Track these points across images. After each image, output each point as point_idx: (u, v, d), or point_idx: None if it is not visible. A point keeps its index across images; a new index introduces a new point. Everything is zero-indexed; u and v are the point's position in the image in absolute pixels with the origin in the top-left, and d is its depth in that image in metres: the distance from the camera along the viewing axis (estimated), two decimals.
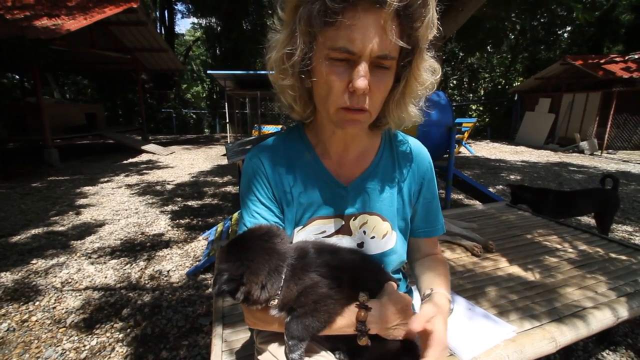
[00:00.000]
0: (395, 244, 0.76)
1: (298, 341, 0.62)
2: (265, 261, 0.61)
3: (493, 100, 13.79)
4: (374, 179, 0.74)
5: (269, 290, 0.61)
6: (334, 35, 0.54)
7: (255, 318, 0.69)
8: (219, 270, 0.61)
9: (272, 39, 0.63)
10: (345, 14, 0.53)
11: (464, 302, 1.23)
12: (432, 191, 0.80)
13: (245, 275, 0.60)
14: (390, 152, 0.77)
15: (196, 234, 3.29)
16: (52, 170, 6.26)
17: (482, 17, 5.95)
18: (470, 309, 1.18)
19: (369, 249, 0.74)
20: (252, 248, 0.63)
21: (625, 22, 13.55)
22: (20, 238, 3.16)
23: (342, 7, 0.52)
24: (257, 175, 0.72)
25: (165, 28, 15.34)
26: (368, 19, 0.53)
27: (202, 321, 1.98)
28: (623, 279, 1.41)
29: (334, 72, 0.57)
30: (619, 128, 9.18)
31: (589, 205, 3.01)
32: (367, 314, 0.62)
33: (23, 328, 1.91)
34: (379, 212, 0.74)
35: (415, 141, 0.81)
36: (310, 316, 0.62)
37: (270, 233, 0.65)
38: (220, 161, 7.36)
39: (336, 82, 0.58)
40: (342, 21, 0.53)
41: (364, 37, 0.53)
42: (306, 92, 0.66)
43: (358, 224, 0.74)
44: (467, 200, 4.40)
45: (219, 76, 8.99)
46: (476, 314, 1.15)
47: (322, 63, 0.57)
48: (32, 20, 6.09)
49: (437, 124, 3.42)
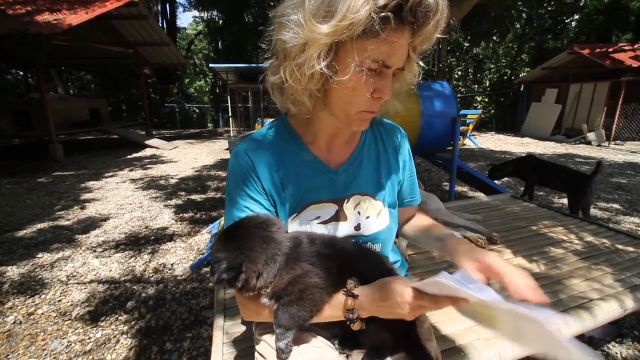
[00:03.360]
0: (390, 221, 0.79)
1: (285, 330, 0.63)
2: (264, 250, 0.61)
3: (498, 91, 13.61)
4: (361, 161, 0.78)
5: (264, 279, 0.61)
6: (376, 48, 0.57)
7: (248, 309, 0.70)
8: (218, 259, 0.60)
9: (302, 42, 0.58)
10: (393, 31, 0.55)
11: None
12: (412, 167, 0.88)
13: (244, 264, 0.60)
14: (372, 135, 0.82)
15: (200, 228, 3.30)
16: (57, 165, 6.31)
17: (488, 5, 5.83)
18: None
19: (367, 229, 0.75)
20: (251, 236, 0.62)
21: (635, 10, 13.23)
22: (26, 232, 3.20)
23: (397, 27, 0.55)
24: (245, 170, 0.72)
25: (167, 22, 15.29)
26: (404, 38, 0.57)
27: (206, 313, 1.99)
28: (630, 271, 1.39)
29: (365, 81, 0.60)
30: (628, 118, 9.02)
31: (560, 183, 3.25)
32: (355, 301, 0.62)
33: (29, 321, 1.93)
34: (370, 192, 0.77)
35: (391, 123, 0.87)
36: (296, 305, 0.62)
37: (268, 222, 0.65)
38: (224, 155, 7.36)
39: (365, 89, 0.61)
40: (388, 38, 0.56)
41: (399, 54, 0.59)
42: (317, 92, 0.65)
43: (352, 205, 0.75)
44: (471, 193, 4.36)
45: (220, 69, 8.94)
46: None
47: (353, 70, 0.59)
48: (33, 15, 6.08)
49: (441, 115, 3.37)
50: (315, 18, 0.55)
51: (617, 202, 4.01)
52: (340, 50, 0.59)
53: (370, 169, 0.78)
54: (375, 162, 0.79)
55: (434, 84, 3.59)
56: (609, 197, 4.16)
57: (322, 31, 0.54)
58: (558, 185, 3.29)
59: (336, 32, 0.54)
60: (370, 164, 0.78)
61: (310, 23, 0.55)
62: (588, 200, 2.97)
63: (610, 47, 9.47)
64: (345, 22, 0.53)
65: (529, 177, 3.56)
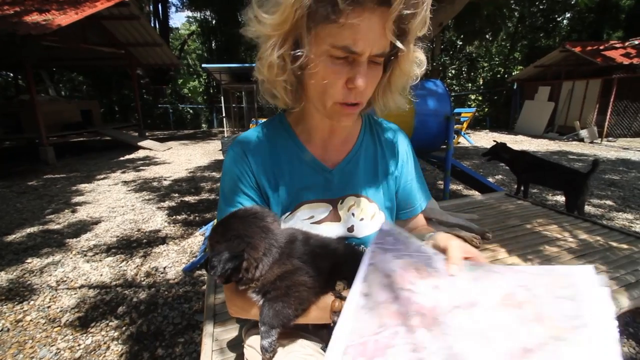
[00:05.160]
0: None
1: (269, 327, 0.61)
2: (263, 238, 0.61)
3: (492, 90, 13.68)
4: (358, 162, 0.75)
5: (260, 269, 0.60)
6: (337, 33, 0.53)
7: (235, 306, 0.70)
8: (217, 251, 0.59)
9: (257, 35, 0.60)
10: (351, 13, 0.50)
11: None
12: (412, 171, 0.82)
13: (246, 251, 0.59)
14: (370, 135, 0.79)
15: (193, 230, 3.26)
16: (47, 168, 6.21)
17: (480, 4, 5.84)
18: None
19: (360, 231, 0.74)
20: (249, 225, 0.61)
21: (626, 8, 13.38)
22: (16, 237, 3.13)
23: (351, 8, 0.50)
24: (239, 166, 0.71)
25: (160, 22, 15.16)
26: (372, 20, 0.51)
27: (199, 318, 1.95)
28: (624, 268, 1.38)
29: (334, 69, 0.56)
30: (619, 115, 9.11)
31: (555, 180, 3.21)
32: (342, 304, 0.60)
33: (17, 328, 1.89)
34: (365, 194, 0.75)
35: (392, 124, 0.84)
36: (281, 301, 0.60)
37: (263, 213, 0.64)
38: (218, 156, 7.31)
39: (335, 79, 0.57)
40: (347, 21, 0.51)
41: (367, 38, 0.53)
42: (297, 83, 0.64)
43: (346, 206, 0.73)
44: (466, 191, 4.37)
45: (214, 70, 8.87)
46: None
47: (320, 58, 0.56)
48: (22, 15, 5.98)
49: (435, 114, 3.36)
50: (261, 8, 0.56)
51: (610, 198, 4.03)
52: (302, 40, 0.56)
53: (367, 171, 0.76)
54: (373, 164, 0.77)
55: (428, 82, 3.58)
56: (602, 194, 4.19)
57: (268, 22, 0.55)
58: (554, 183, 3.30)
59: (284, 21, 0.54)
60: (367, 165, 0.76)
61: (259, 15, 0.56)
62: (584, 198, 2.98)
63: (601, 45, 9.55)
64: (289, 9, 0.51)
65: (519, 173, 3.58)
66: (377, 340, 0.43)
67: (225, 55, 14.58)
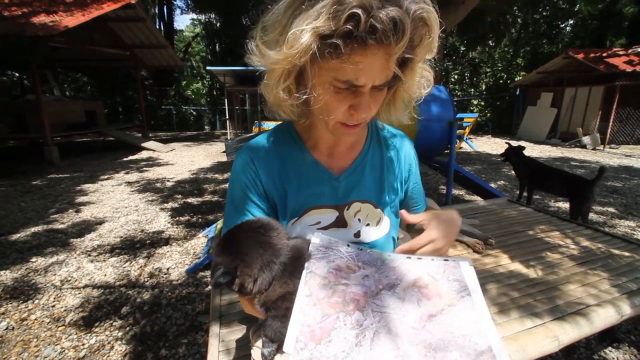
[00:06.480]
0: (389, 229, 0.79)
1: (270, 341, 0.64)
2: (259, 255, 0.62)
3: (495, 95, 13.69)
4: (364, 168, 0.77)
5: (259, 285, 0.62)
6: (339, 69, 0.54)
7: (246, 307, 0.72)
8: (216, 263, 0.62)
9: (260, 65, 0.61)
10: (353, 54, 0.52)
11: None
12: (417, 175, 0.87)
13: (239, 268, 0.61)
14: (377, 142, 0.81)
15: (196, 231, 3.28)
16: (52, 168, 6.26)
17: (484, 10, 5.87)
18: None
19: (366, 236, 0.75)
20: (247, 241, 0.63)
21: (629, 15, 13.39)
22: (20, 236, 3.16)
23: (353, 49, 0.51)
24: (247, 172, 0.73)
25: (164, 24, 15.26)
26: (375, 57, 0.52)
27: (202, 319, 1.97)
28: (626, 276, 1.39)
29: (337, 97, 0.59)
30: (622, 122, 9.11)
31: (560, 187, 3.21)
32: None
33: (22, 327, 1.91)
34: (371, 200, 0.76)
35: (398, 131, 0.85)
36: (280, 321, 0.62)
37: (267, 226, 0.65)
38: (221, 158, 7.34)
39: (338, 106, 0.60)
40: (350, 59, 0.52)
41: (369, 74, 0.54)
42: (303, 104, 0.65)
43: (352, 212, 0.75)
44: (468, 196, 4.38)
45: (218, 72, 8.94)
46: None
47: (324, 86, 0.58)
48: (30, 17, 6.05)
49: (438, 119, 3.38)
50: (265, 44, 0.58)
51: (612, 205, 4.03)
52: (306, 72, 0.58)
53: (373, 177, 0.77)
54: (379, 170, 0.78)
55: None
56: (605, 201, 4.19)
57: (272, 56, 0.56)
58: (559, 190, 3.28)
59: (287, 59, 0.54)
60: (374, 172, 0.78)
61: (262, 50, 0.58)
62: (589, 205, 2.98)
63: (604, 52, 9.56)
64: (293, 50, 0.52)
65: (523, 178, 3.59)
66: (322, 327, 0.54)
67: (229, 58, 14.66)
